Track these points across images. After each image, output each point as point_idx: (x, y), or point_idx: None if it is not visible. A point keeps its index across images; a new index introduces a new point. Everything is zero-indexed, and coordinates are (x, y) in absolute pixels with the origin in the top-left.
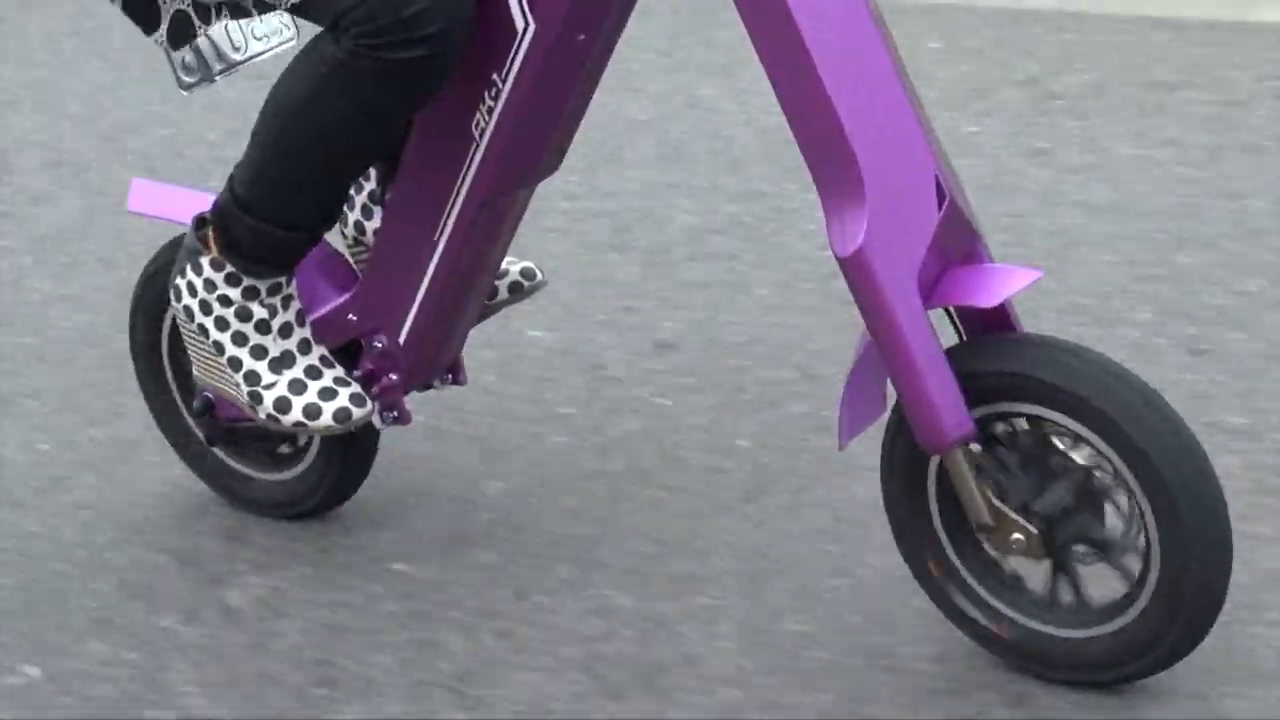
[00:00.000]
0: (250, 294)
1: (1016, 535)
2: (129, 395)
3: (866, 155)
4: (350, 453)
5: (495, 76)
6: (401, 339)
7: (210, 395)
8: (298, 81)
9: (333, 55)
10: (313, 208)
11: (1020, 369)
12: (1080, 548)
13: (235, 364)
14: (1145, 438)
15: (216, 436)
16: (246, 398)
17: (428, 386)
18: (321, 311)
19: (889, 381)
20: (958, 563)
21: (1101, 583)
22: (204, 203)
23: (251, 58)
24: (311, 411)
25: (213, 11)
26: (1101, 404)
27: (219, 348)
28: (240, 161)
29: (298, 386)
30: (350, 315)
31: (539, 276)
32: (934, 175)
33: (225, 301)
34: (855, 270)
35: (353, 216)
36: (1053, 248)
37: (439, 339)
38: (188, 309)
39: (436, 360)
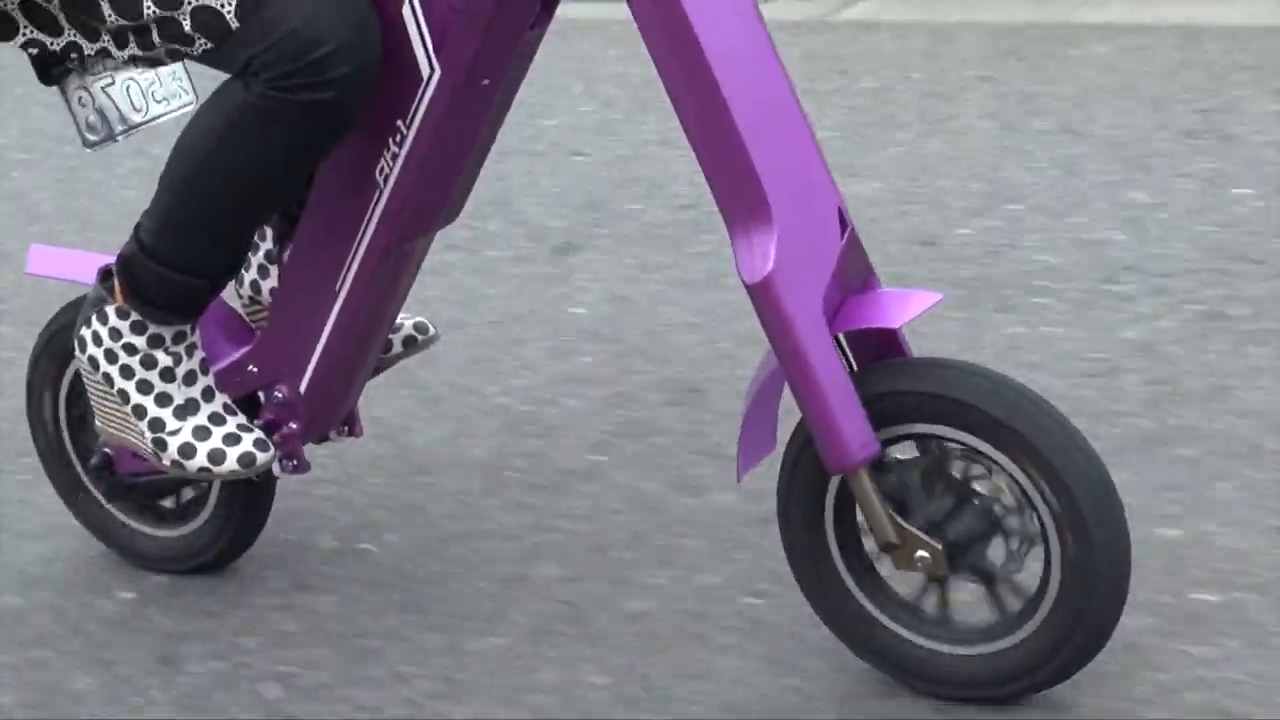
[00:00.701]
0: (155, 341)
1: (921, 553)
2: None
3: (773, 183)
4: (248, 503)
5: (400, 123)
6: (302, 387)
7: (109, 451)
8: (207, 126)
9: (243, 99)
10: (218, 254)
11: (927, 389)
12: (981, 561)
13: (140, 411)
14: (1054, 453)
15: (116, 493)
16: (151, 445)
17: (324, 438)
18: (221, 365)
19: (779, 417)
20: (851, 584)
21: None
22: (104, 263)
23: (152, 120)
24: (216, 457)
25: (103, 65)
26: (1011, 420)
27: (124, 396)
28: (147, 209)
29: (202, 433)
30: (251, 367)
31: (432, 331)
32: (837, 204)
33: (130, 350)
34: (763, 297)
35: (249, 276)
36: None
37: (340, 387)
38: (92, 359)
39: (336, 410)
